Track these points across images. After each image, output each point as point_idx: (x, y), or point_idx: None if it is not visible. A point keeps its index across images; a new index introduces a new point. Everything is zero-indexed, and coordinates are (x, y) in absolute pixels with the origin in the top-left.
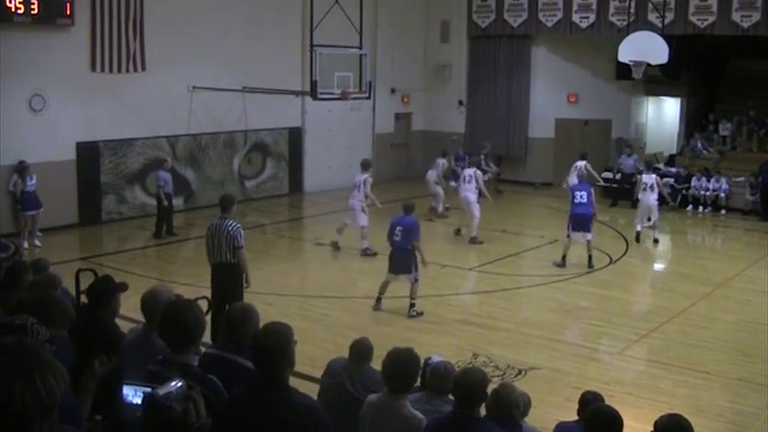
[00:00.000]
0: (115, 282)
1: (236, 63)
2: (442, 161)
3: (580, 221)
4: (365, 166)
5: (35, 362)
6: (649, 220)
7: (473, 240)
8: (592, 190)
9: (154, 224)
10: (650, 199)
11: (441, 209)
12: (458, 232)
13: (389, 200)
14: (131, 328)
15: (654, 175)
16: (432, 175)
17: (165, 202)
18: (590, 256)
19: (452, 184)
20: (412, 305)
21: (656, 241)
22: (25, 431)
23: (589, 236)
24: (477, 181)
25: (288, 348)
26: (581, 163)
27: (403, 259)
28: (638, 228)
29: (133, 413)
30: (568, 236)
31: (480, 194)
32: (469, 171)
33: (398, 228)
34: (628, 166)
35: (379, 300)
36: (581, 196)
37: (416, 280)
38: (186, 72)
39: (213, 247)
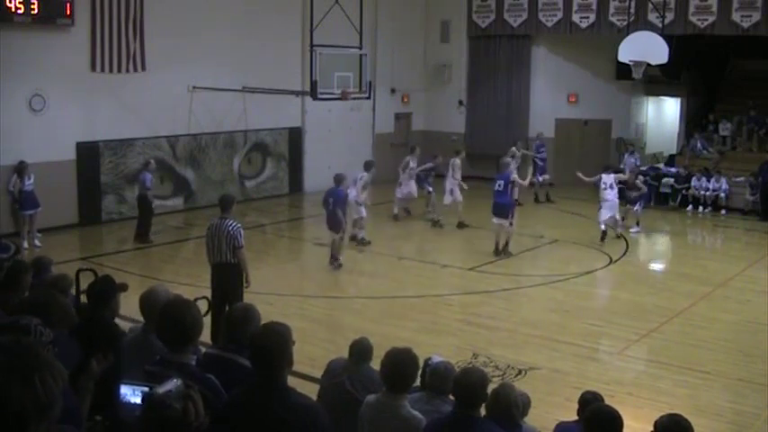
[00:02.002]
0: (115, 282)
1: (236, 63)
2: (410, 158)
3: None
4: (365, 166)
5: (34, 361)
6: (623, 219)
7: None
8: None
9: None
10: (611, 197)
11: (397, 210)
12: (461, 225)
13: (389, 200)
14: (130, 328)
15: (612, 174)
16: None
17: (152, 203)
18: (506, 243)
19: (429, 189)
20: (333, 257)
21: (619, 236)
22: (23, 431)
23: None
24: (453, 170)
25: (286, 349)
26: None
27: (333, 222)
28: (602, 227)
29: (131, 412)
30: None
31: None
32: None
33: (330, 198)
34: (629, 164)
35: (335, 258)
36: (498, 185)
37: (341, 239)
38: (186, 72)
39: (213, 247)
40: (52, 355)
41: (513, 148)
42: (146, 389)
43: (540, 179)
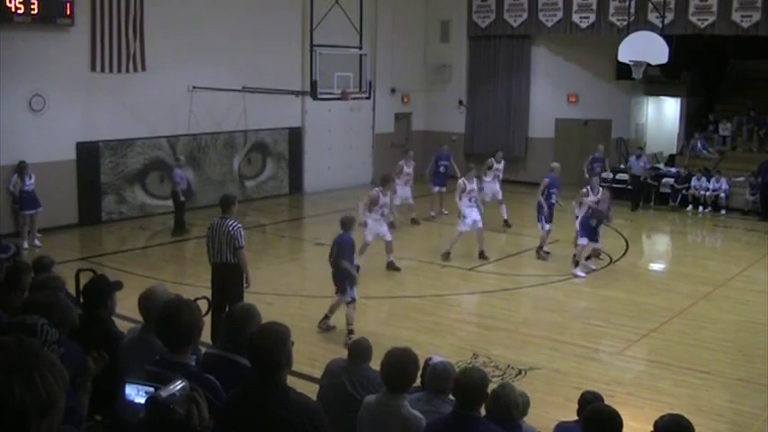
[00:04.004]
0: (109, 281)
1: (236, 63)
2: (404, 163)
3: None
4: (380, 181)
5: (34, 360)
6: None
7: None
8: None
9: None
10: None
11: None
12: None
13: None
14: (130, 329)
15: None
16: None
17: (182, 198)
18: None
19: (435, 189)
20: (350, 332)
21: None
22: (24, 430)
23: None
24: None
25: (285, 349)
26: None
27: (335, 278)
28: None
29: (136, 413)
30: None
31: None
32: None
33: (333, 245)
34: (637, 168)
35: (326, 318)
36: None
37: (353, 299)
38: (186, 72)
39: (213, 246)
40: (54, 355)
41: (491, 159)
42: (151, 389)
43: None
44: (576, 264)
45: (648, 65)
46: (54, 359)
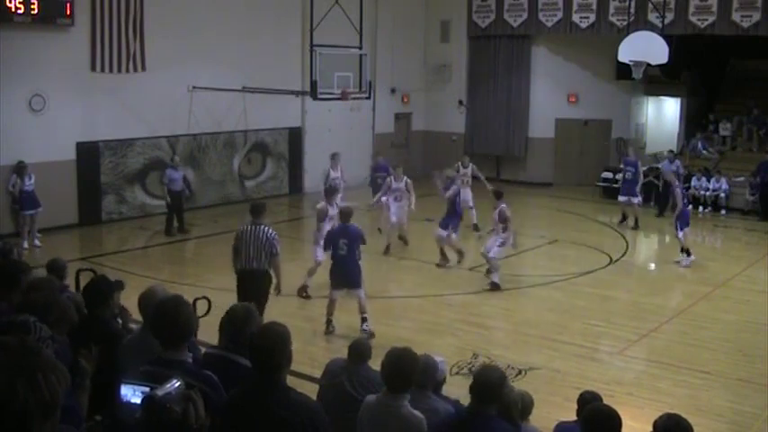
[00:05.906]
0: (110, 281)
1: (236, 63)
2: (330, 168)
3: None
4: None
5: (37, 361)
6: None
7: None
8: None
9: (163, 223)
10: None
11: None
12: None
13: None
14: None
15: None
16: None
17: (168, 199)
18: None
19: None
20: (364, 319)
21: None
22: (26, 431)
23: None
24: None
25: (285, 349)
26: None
27: (350, 272)
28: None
29: (132, 413)
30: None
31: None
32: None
33: (342, 240)
34: (669, 171)
35: (329, 322)
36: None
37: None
38: (186, 72)
39: (243, 252)
40: (50, 351)
41: (458, 164)
42: (146, 389)
43: (624, 199)
44: (688, 253)
45: (648, 65)
46: (55, 360)
